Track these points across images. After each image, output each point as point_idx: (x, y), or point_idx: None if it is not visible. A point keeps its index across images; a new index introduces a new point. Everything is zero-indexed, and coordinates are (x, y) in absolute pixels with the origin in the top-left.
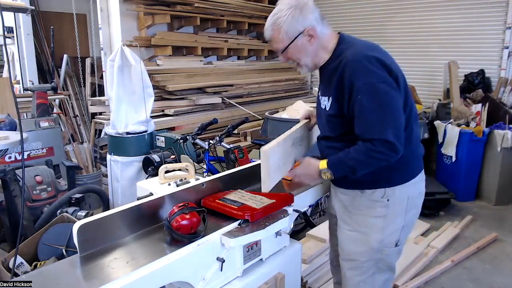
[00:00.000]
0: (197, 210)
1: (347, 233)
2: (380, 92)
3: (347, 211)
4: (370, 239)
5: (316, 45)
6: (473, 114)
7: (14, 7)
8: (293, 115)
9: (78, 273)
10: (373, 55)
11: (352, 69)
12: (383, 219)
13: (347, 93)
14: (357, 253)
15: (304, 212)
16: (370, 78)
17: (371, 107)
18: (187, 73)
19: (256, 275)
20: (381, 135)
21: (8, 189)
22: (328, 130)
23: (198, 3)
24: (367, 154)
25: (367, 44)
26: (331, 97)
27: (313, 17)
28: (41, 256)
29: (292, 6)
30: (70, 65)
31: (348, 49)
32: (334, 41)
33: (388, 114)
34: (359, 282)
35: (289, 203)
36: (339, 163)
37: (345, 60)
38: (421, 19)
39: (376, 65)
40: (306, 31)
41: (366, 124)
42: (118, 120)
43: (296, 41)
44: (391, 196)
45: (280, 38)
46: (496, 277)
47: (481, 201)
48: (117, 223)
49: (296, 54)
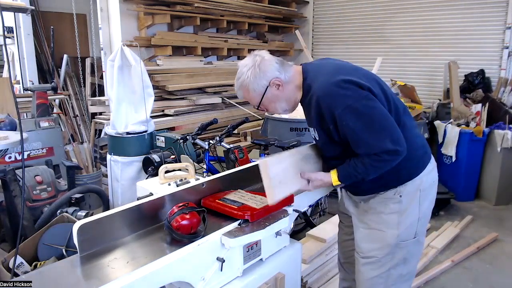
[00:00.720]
0: (197, 210)
1: (363, 232)
2: (360, 111)
3: (362, 210)
4: (387, 236)
5: (286, 90)
6: (473, 114)
7: (14, 7)
8: (293, 115)
9: (78, 273)
10: (338, 79)
11: (326, 102)
12: (397, 214)
13: (331, 123)
14: (374, 249)
15: (304, 212)
16: (345, 102)
17: (360, 128)
18: (187, 73)
19: (256, 275)
20: (381, 148)
21: (8, 189)
22: (329, 153)
23: (198, 3)
24: (373, 165)
25: (329, 70)
26: (315, 129)
27: (273, 68)
28: (41, 256)
29: (250, 67)
30: (70, 65)
31: (314, 83)
32: (299, 76)
33: (378, 126)
34: (374, 277)
35: (289, 203)
36: (349, 176)
37: (315, 96)
38: (421, 19)
39: (345, 87)
40: (271, 83)
41: (363, 144)
42: (118, 120)
43: (266, 94)
44: (403, 191)
45: (251, 97)
46: (496, 277)
47: (481, 201)
48: (117, 223)
49: (271, 104)
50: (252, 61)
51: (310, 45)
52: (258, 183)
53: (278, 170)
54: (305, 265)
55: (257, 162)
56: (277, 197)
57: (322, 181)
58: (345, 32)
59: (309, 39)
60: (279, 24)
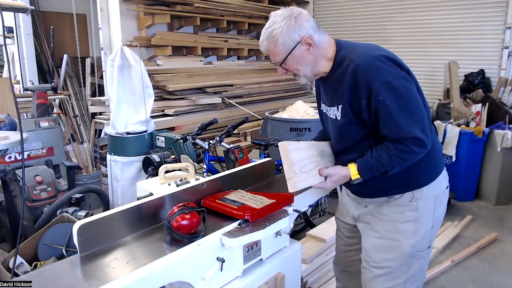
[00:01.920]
0: (197, 210)
1: (375, 241)
2: (399, 90)
3: (373, 218)
4: (402, 245)
5: (315, 54)
6: (473, 114)
7: (14, 7)
8: (293, 115)
9: (78, 273)
10: (379, 53)
11: (365, 72)
12: (414, 223)
13: (365, 97)
14: (388, 260)
15: (304, 212)
16: (386, 77)
17: (395, 107)
18: (187, 73)
19: (256, 275)
20: (410, 133)
21: (8, 189)
22: (344, 141)
23: (198, 3)
24: (399, 156)
25: (368, 45)
26: (341, 105)
27: (309, 25)
28: (41, 256)
29: (286, 17)
30: (70, 65)
31: (351, 53)
32: (333, 48)
33: (412, 110)
34: None
35: (289, 203)
36: (370, 169)
37: (353, 65)
38: (421, 19)
39: (387, 63)
40: (303, 40)
41: (394, 124)
42: (118, 120)
43: (294, 51)
44: (419, 198)
45: (277, 51)
46: (496, 277)
47: (481, 201)
48: (117, 223)
49: (295, 65)
50: (289, 12)
51: None
52: (258, 183)
53: (298, 158)
54: (305, 265)
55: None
56: (298, 185)
57: (340, 175)
58: (345, 32)
59: None
60: None
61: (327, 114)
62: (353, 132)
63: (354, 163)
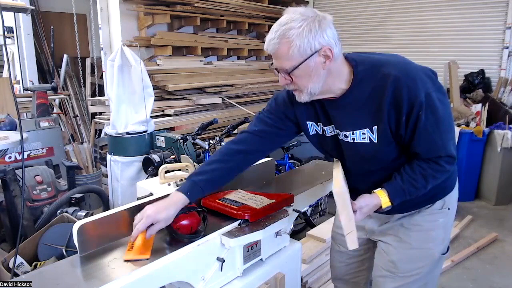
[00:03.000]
0: (197, 210)
1: (406, 252)
2: (435, 104)
3: (403, 229)
4: (434, 253)
5: (330, 69)
6: (473, 114)
7: (14, 7)
8: None
9: (78, 273)
10: (416, 64)
11: (408, 85)
12: (443, 229)
13: (406, 112)
14: (418, 268)
15: (304, 212)
16: (426, 88)
17: (433, 123)
18: (187, 73)
19: (256, 275)
20: (446, 151)
21: (8, 189)
22: (375, 163)
23: (198, 3)
24: (434, 176)
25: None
26: (377, 126)
27: (332, 34)
28: (41, 256)
29: (308, 17)
30: (70, 65)
31: (379, 69)
32: (347, 64)
33: (447, 125)
34: None
35: (289, 203)
36: (403, 193)
37: (392, 78)
38: (421, 19)
39: (425, 72)
40: (322, 50)
41: (431, 142)
42: (118, 120)
43: (308, 61)
44: (449, 203)
45: (289, 55)
46: (496, 277)
47: (481, 201)
48: (117, 223)
49: (305, 77)
50: (312, 12)
51: None
52: (258, 183)
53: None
54: (305, 265)
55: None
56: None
57: (372, 206)
58: (345, 32)
59: None
60: None
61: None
62: (389, 152)
63: (382, 190)
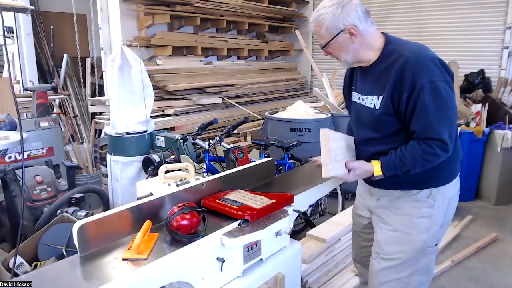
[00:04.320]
0: (197, 210)
1: (388, 233)
2: (441, 91)
3: (387, 211)
4: (415, 239)
5: (358, 43)
6: (473, 114)
7: (14, 7)
8: (293, 115)
9: (78, 273)
10: (431, 54)
11: (414, 67)
12: (428, 219)
13: (407, 91)
14: (399, 252)
15: (304, 212)
16: (432, 76)
17: (432, 106)
18: (187, 73)
19: (256, 275)
20: (439, 134)
21: (8, 189)
22: (375, 131)
23: (198, 3)
24: (423, 157)
25: (418, 44)
26: (382, 96)
27: (356, 15)
28: (41, 256)
29: (334, 4)
30: (70, 65)
31: (401, 48)
32: (381, 40)
33: (447, 113)
34: (393, 280)
35: (289, 203)
36: (393, 167)
37: (403, 59)
38: (421, 19)
39: (436, 64)
40: (347, 29)
41: (426, 122)
42: (118, 120)
43: (337, 38)
44: (436, 196)
45: (321, 34)
46: (496, 277)
47: (481, 201)
48: (117, 223)
49: (337, 50)
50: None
51: (310, 45)
52: (258, 183)
53: (334, 146)
54: (305, 265)
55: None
56: (331, 172)
57: (363, 170)
58: None
59: (309, 39)
60: (279, 24)
61: (360, 103)
62: (388, 124)
63: (377, 161)
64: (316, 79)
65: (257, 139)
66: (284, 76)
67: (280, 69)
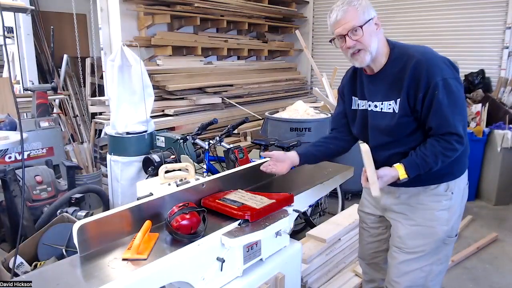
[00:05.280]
0: (197, 210)
1: (411, 228)
2: (452, 88)
3: (409, 207)
4: (438, 231)
5: (379, 35)
6: (473, 114)
7: (14, 7)
8: (293, 115)
9: (78, 273)
10: (438, 54)
11: (427, 67)
12: (448, 211)
13: (423, 90)
14: (423, 245)
15: (304, 212)
16: (444, 74)
17: (446, 102)
18: (187, 73)
19: (256, 275)
20: (456, 128)
21: (8, 189)
22: (392, 135)
23: (198, 3)
24: (443, 153)
25: (423, 46)
26: (400, 99)
27: (374, 12)
28: (41, 256)
29: None
30: (70, 65)
31: (409, 51)
32: (387, 45)
33: (459, 109)
34: (415, 270)
35: (289, 203)
36: (417, 168)
37: (414, 60)
38: (421, 19)
39: (446, 63)
40: (375, 18)
41: (443, 117)
42: (118, 120)
43: (369, 23)
44: (453, 189)
45: (357, 15)
46: (496, 277)
47: (481, 201)
48: (117, 223)
49: (368, 36)
50: None
51: (310, 45)
52: (258, 183)
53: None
54: (305, 265)
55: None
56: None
57: (390, 176)
58: None
59: (309, 39)
60: (279, 24)
61: (372, 110)
62: (406, 125)
63: (400, 164)
64: (316, 79)
65: (257, 139)
66: (284, 76)
67: (280, 69)
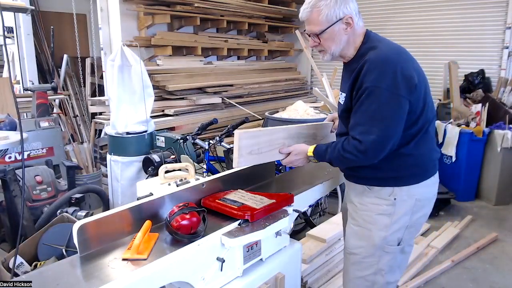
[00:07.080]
0: (197, 210)
1: (352, 228)
2: (380, 99)
3: (354, 206)
4: (373, 235)
5: (349, 36)
6: (473, 114)
7: (14, 7)
8: (293, 115)
9: (78, 273)
10: (397, 64)
11: (368, 70)
12: (389, 217)
13: (356, 90)
14: (359, 247)
15: (304, 212)
16: (379, 82)
17: (364, 109)
18: (187, 73)
19: (256, 275)
20: (360, 135)
21: (8, 189)
22: (343, 126)
23: (198, 3)
24: (340, 151)
25: (392, 46)
26: (345, 93)
27: (354, 7)
28: (41, 256)
29: None
30: (70, 65)
31: (373, 49)
32: (361, 38)
33: (377, 121)
34: (359, 278)
35: (289, 203)
36: (322, 153)
37: (365, 59)
38: (421, 19)
39: (395, 74)
40: (345, 18)
41: (354, 121)
42: (118, 120)
43: (333, 26)
44: (398, 195)
45: (318, 20)
46: (496, 277)
47: (481, 201)
48: (117, 223)
49: (329, 40)
50: None
51: None
52: (258, 183)
53: (248, 144)
54: (305, 265)
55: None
56: (240, 164)
57: (299, 150)
58: None
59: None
60: (279, 24)
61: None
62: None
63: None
64: (316, 79)
65: None
66: (284, 76)
67: (280, 69)
